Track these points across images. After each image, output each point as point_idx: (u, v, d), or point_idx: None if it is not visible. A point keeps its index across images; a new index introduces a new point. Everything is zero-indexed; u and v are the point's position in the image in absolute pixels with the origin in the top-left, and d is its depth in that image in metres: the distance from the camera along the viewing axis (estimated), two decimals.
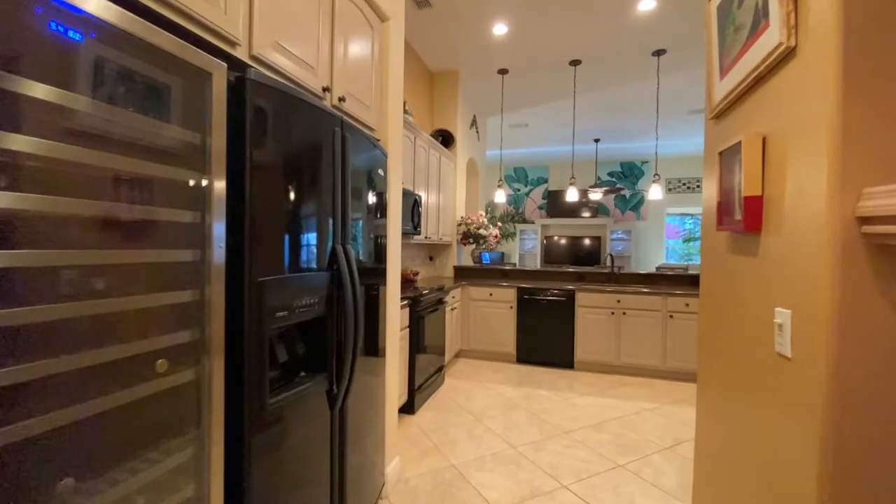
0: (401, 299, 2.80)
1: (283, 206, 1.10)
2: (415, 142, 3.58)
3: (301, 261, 1.16)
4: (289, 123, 1.11)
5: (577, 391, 3.39)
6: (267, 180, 1.04)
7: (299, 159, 1.15)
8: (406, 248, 4.18)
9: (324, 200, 1.26)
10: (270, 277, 1.04)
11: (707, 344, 1.52)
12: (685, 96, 5.44)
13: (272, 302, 1.04)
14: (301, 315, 1.15)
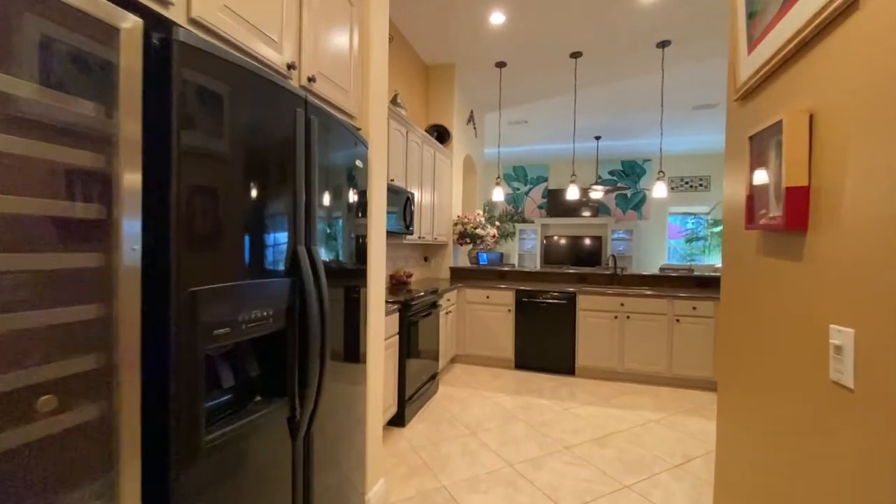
0: (390, 303, 2.62)
1: (227, 202, 0.91)
2: (407, 136, 3.38)
3: (251, 266, 0.97)
4: (235, 100, 0.92)
5: (579, 400, 3.20)
6: (203, 170, 0.85)
7: (249, 145, 0.96)
8: (399, 249, 3.99)
9: (282, 194, 1.07)
10: (207, 287, 0.85)
11: (730, 358, 1.33)
12: (690, 91, 5.25)
13: (210, 317, 0.85)
14: (251, 331, 0.96)
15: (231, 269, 0.91)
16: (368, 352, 1.75)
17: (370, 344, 1.77)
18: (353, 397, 1.57)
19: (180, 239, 0.80)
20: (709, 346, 3.42)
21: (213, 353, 0.93)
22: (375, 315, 1.83)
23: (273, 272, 1.04)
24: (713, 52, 4.18)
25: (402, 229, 3.15)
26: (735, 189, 1.26)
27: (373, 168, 1.74)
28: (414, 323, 2.83)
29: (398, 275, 3.77)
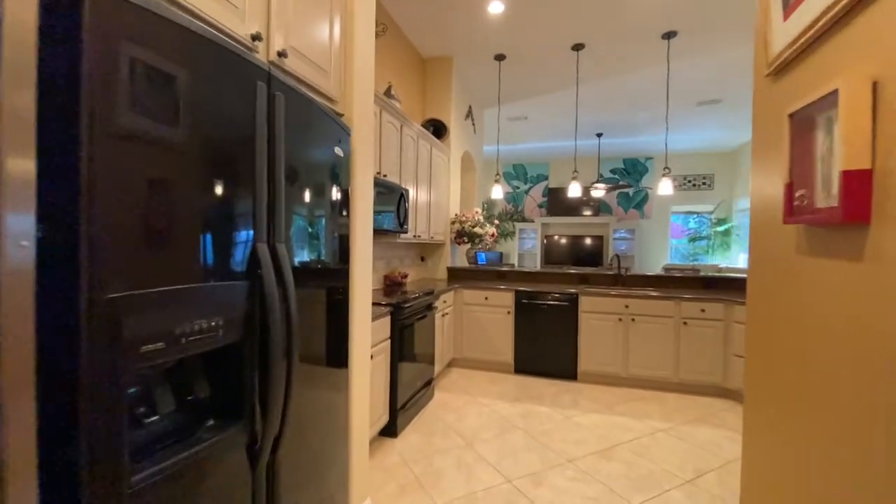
0: (382, 306, 2.46)
1: (162, 190, 0.74)
2: (401, 130, 3.22)
3: (195, 267, 0.81)
4: (174, 68, 0.76)
5: (582, 407, 3.04)
6: (129, 152, 0.69)
7: (194, 122, 0.80)
8: (393, 248, 3.83)
9: (238, 182, 0.90)
10: (133, 293, 0.69)
11: (762, 370, 1.17)
12: (695, 86, 5.08)
13: (136, 330, 0.69)
14: (195, 345, 0.80)
15: (167, 271, 0.75)
16: (352, 357, 1.59)
17: (354, 349, 1.61)
18: (334, 407, 1.41)
19: (93, 235, 0.64)
20: (718, 350, 3.26)
21: (147, 373, 0.77)
22: (360, 318, 1.67)
23: (226, 274, 0.87)
24: (721, 44, 4.02)
25: (395, 227, 2.99)
26: (766, 178, 1.10)
27: (357, 158, 1.58)
28: (407, 327, 2.66)
29: (393, 275, 3.61)
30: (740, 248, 8.20)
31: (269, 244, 0.98)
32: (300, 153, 1.14)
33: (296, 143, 1.11)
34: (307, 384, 1.23)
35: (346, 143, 1.43)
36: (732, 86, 5.08)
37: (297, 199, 1.13)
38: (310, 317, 1.25)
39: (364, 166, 1.65)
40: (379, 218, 2.72)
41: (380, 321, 2.34)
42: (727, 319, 3.25)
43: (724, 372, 3.26)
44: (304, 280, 1.19)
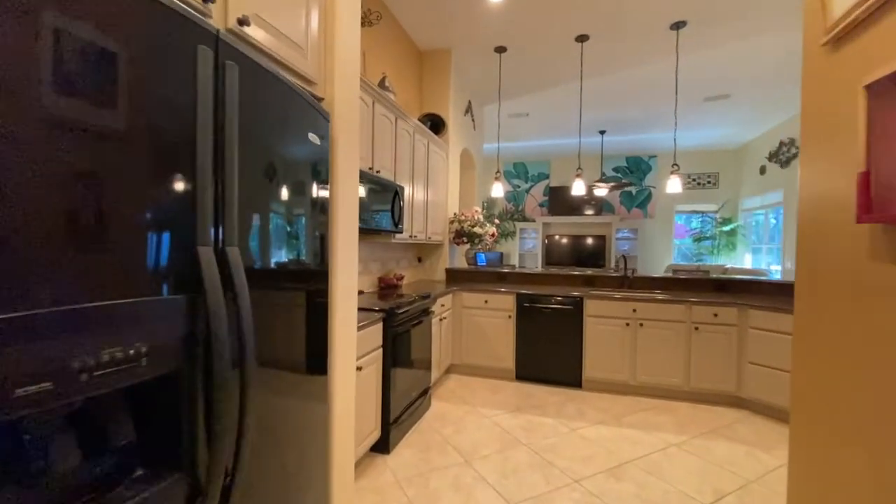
0: (374, 311, 2.27)
1: (67, 183, 0.56)
2: (396, 124, 3.04)
3: (110, 279, 0.62)
4: (88, 30, 0.57)
5: (588, 419, 2.85)
6: (12, 135, 0.50)
7: (110, 98, 0.61)
8: (389, 249, 3.64)
9: (174, 172, 0.72)
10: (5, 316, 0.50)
11: (818, 393, 0.99)
12: (702, 80, 4.90)
13: (7, 367, 0.51)
14: (104, 381, 0.61)
15: (66, 285, 0.57)
16: (333, 367, 1.41)
17: (336, 358, 1.43)
18: (311, 422, 1.23)
19: None
20: (731, 357, 3.07)
21: (37, 420, 0.58)
22: (343, 324, 1.48)
23: (154, 286, 0.69)
24: (731, 35, 3.83)
25: (390, 227, 2.81)
26: (821, 167, 0.91)
27: (339, 148, 1.39)
28: (401, 334, 2.48)
29: (388, 277, 3.43)
30: (746, 249, 8.02)
31: (217, 248, 0.80)
32: (262, 138, 0.95)
33: (256, 125, 0.92)
34: (278, 399, 1.05)
35: (325, 131, 1.25)
36: (742, 80, 4.89)
37: (259, 193, 0.95)
38: (280, 325, 1.07)
39: (348, 158, 1.47)
40: (371, 217, 2.53)
41: (370, 329, 2.16)
42: (741, 325, 3.06)
43: (737, 380, 3.07)
44: (268, 285, 1.01)
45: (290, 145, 1.06)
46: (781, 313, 2.82)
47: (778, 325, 2.83)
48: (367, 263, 3.28)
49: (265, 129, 0.96)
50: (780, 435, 2.63)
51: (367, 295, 3.01)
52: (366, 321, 2.09)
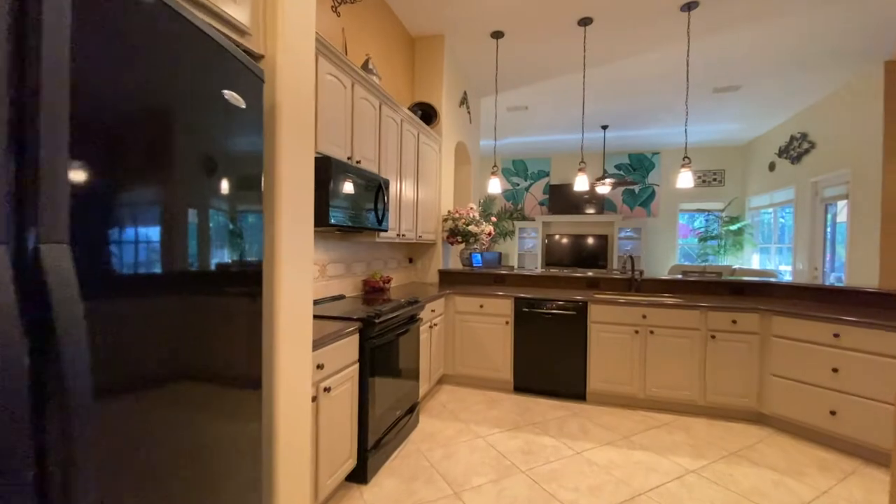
0: (349, 320, 1.98)
1: None
2: (380, 110, 2.74)
3: None
4: None
5: (594, 438, 2.56)
6: None
7: None
8: (375, 249, 3.35)
9: None
10: None
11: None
12: (713, 69, 4.59)
13: None
14: None
15: None
16: (275, 393, 1.12)
17: (279, 381, 1.13)
18: (232, 453, 0.93)
19: None
20: (752, 368, 2.78)
21: None
22: (291, 334, 1.19)
23: None
24: (746, 15, 3.53)
25: (373, 224, 2.51)
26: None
27: (282, 118, 1.09)
28: (383, 345, 2.18)
29: (373, 280, 3.13)
30: (753, 249, 7.72)
31: (21, 246, 0.50)
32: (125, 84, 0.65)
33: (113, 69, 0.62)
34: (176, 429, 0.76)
35: (256, 93, 0.95)
36: (754, 69, 4.59)
37: (119, 167, 0.65)
38: (174, 341, 0.77)
39: (296, 133, 1.17)
40: (351, 213, 2.23)
41: (344, 342, 1.86)
42: (763, 333, 2.77)
43: (759, 394, 2.77)
44: (136, 293, 0.71)
45: (183, 102, 0.76)
46: (809, 320, 2.52)
47: (806, 333, 2.54)
48: (350, 265, 2.99)
49: (130, 73, 0.66)
50: (811, 458, 2.33)
51: (350, 300, 2.71)
52: (338, 334, 1.79)
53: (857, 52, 4.14)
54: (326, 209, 2.04)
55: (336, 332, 1.78)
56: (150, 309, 0.72)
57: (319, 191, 2.04)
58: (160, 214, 0.73)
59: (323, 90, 2.09)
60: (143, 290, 0.70)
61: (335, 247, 2.79)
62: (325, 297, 2.65)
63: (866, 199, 4.50)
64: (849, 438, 2.34)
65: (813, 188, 5.73)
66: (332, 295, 2.73)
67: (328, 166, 2.04)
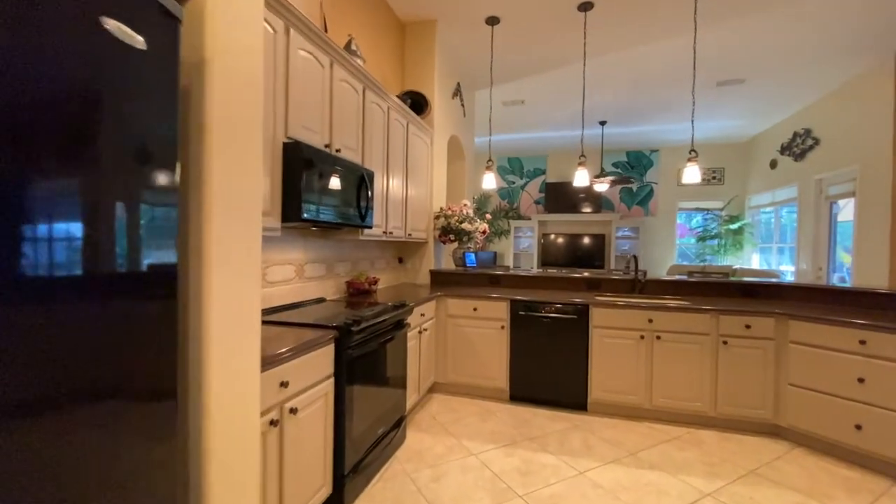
0: (322, 328, 1.74)
1: None
2: (363, 95, 2.50)
3: None
4: None
5: (598, 455, 2.33)
6: None
7: None
8: (361, 248, 3.10)
9: None
10: None
11: None
12: (717, 61, 4.39)
13: None
14: None
15: None
16: (204, 419, 0.88)
17: (209, 403, 0.89)
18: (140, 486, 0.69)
19: None
20: (768, 377, 2.57)
21: None
22: (229, 345, 0.95)
23: None
24: (756, 4, 3.32)
25: (354, 220, 2.27)
26: None
27: (212, 81, 0.85)
28: (363, 356, 1.94)
29: (358, 282, 2.88)
30: (753, 249, 7.56)
31: None
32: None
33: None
34: None
35: (167, 35, 0.71)
36: (760, 63, 4.40)
37: None
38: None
39: (235, 103, 0.92)
40: (327, 207, 1.99)
41: (316, 354, 1.62)
42: (779, 338, 2.56)
43: (775, 405, 2.57)
44: None
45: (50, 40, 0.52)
46: (832, 325, 2.31)
47: (827, 339, 2.33)
48: (332, 265, 2.74)
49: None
50: (836, 478, 2.12)
51: (331, 303, 2.47)
52: (308, 344, 1.55)
53: (865, 46, 3.96)
54: (298, 202, 1.80)
55: (305, 344, 1.53)
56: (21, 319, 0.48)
57: (290, 181, 1.80)
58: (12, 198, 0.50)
59: (296, 68, 1.85)
60: None
61: (314, 245, 2.55)
62: (302, 301, 2.40)
63: (874, 197, 4.32)
64: (877, 455, 2.14)
65: (817, 186, 5.56)
66: (310, 298, 2.49)
67: (300, 153, 1.80)
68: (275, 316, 1.98)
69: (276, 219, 1.78)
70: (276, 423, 1.38)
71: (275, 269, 2.18)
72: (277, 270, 2.20)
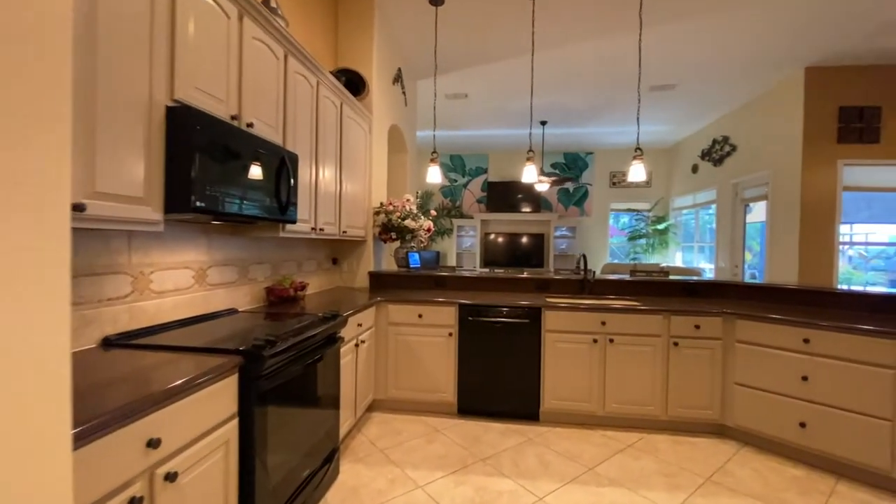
0: (225, 352, 1.31)
1: None
2: (285, 63, 2.07)
3: None
4: None
5: (556, 474, 2.13)
6: None
7: None
8: (285, 247, 2.64)
9: None
10: None
11: None
12: (653, 65, 4.49)
13: None
14: None
15: None
16: None
17: None
18: None
19: None
20: (715, 377, 2.55)
21: None
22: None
23: None
24: (699, 8, 3.37)
25: (272, 212, 1.83)
26: None
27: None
28: (281, 386, 1.53)
29: (281, 288, 2.43)
30: (677, 248, 8.08)
31: None
32: None
33: None
34: None
35: None
36: (691, 70, 4.57)
37: None
38: None
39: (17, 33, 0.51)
40: (233, 196, 1.55)
41: (210, 390, 1.19)
42: (726, 338, 2.55)
43: (722, 405, 2.55)
44: None
45: None
46: (774, 324, 2.32)
47: (770, 338, 2.34)
48: (247, 268, 2.26)
49: None
50: (785, 479, 2.11)
51: (245, 315, 2.01)
52: (191, 382, 1.12)
53: (777, 60, 4.25)
54: (188, 187, 1.35)
55: (190, 381, 1.11)
56: None
57: (177, 159, 1.35)
58: None
59: (185, 9, 1.40)
60: None
61: (222, 244, 2.06)
62: (204, 315, 1.91)
63: (784, 200, 4.68)
64: (820, 452, 2.16)
65: (733, 189, 5.98)
66: (216, 310, 2.00)
67: (191, 121, 1.35)
68: (159, 337, 1.50)
69: (157, 209, 1.32)
70: (140, 501, 0.95)
71: (162, 276, 1.68)
72: (166, 277, 1.71)
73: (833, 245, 4.38)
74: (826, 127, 4.34)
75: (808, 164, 4.40)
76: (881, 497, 1.94)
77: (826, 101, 4.33)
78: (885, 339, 1.97)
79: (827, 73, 4.31)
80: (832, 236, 4.38)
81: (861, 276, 4.99)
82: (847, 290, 2.61)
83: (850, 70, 4.27)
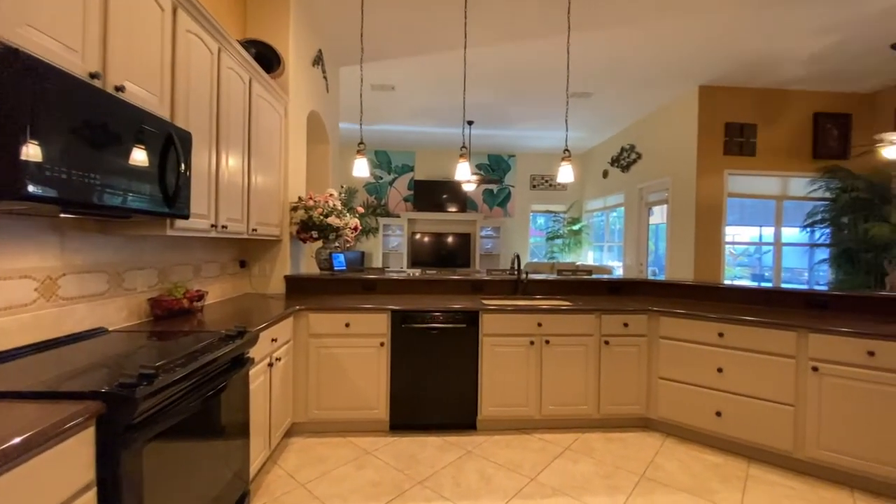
0: (72, 398, 0.92)
1: None
2: (174, 19, 1.65)
3: None
4: None
5: (499, 489, 2.00)
6: None
7: None
8: (179, 248, 2.16)
9: None
10: None
11: None
12: (574, 72, 4.66)
13: None
14: None
15: None
16: None
17: None
18: None
19: None
20: (642, 373, 2.64)
21: None
22: None
23: None
24: (618, 19, 3.53)
25: (154, 204, 1.43)
26: None
27: None
28: (170, 431, 1.17)
29: (170, 299, 1.97)
30: (589, 247, 8.66)
31: None
32: None
33: None
34: None
35: None
36: (606, 79, 4.85)
37: None
38: None
39: None
40: (91, 179, 1.14)
41: (48, 456, 0.82)
42: (651, 334, 2.66)
43: (647, 399, 2.66)
44: None
45: None
46: (692, 319, 2.47)
47: (690, 333, 2.48)
48: (121, 274, 1.78)
49: None
50: (706, 467, 2.23)
51: (118, 336, 1.55)
52: (14, 445, 0.75)
53: (676, 75, 4.69)
54: (18, 165, 0.94)
55: (40, 440, 0.73)
56: None
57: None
58: None
59: None
60: None
61: (84, 244, 1.58)
62: (56, 339, 1.43)
63: (682, 204, 5.20)
64: (733, 438, 2.33)
65: (639, 194, 6.53)
66: (73, 332, 1.52)
67: (24, 74, 0.94)
68: None
69: None
70: None
71: None
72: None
73: (720, 245, 4.95)
74: (715, 140, 4.90)
75: (702, 173, 4.91)
76: (787, 477, 2.13)
77: (715, 116, 4.88)
78: (787, 332, 2.17)
79: (716, 91, 4.86)
80: (719, 237, 4.95)
81: (730, 271, 5.72)
82: (753, 286, 2.89)
83: (734, 91, 4.86)
